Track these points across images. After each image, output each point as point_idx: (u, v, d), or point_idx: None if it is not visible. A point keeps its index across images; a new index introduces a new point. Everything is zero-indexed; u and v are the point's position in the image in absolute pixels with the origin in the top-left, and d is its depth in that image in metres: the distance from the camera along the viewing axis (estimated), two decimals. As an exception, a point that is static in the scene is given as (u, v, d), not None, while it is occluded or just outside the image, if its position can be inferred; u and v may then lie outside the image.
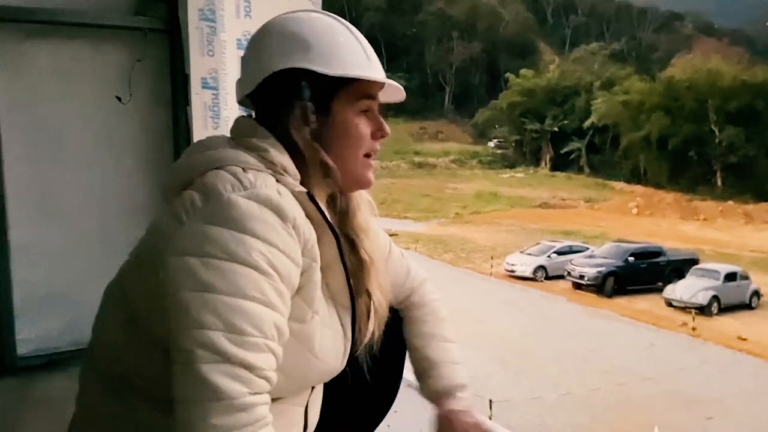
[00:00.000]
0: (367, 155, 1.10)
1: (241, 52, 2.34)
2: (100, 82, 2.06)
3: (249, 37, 2.31)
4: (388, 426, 1.61)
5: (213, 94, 2.07)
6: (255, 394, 0.88)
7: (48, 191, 2.04)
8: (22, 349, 2.10)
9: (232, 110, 2.08)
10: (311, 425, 1.20)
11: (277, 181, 0.98)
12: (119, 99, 2.08)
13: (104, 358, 1.11)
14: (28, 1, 1.95)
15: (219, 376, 0.85)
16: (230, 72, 2.10)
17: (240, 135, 1.06)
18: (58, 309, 2.11)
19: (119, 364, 1.07)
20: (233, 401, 0.85)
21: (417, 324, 1.36)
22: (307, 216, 0.99)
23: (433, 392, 1.32)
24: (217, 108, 2.07)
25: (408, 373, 1.40)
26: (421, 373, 1.34)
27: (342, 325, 1.10)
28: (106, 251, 2.01)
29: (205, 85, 2.06)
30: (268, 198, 0.93)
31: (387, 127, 1.11)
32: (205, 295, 0.88)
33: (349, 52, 1.06)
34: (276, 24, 1.10)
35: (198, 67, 2.08)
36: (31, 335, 2.11)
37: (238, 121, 1.10)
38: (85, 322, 1.21)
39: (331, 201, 1.13)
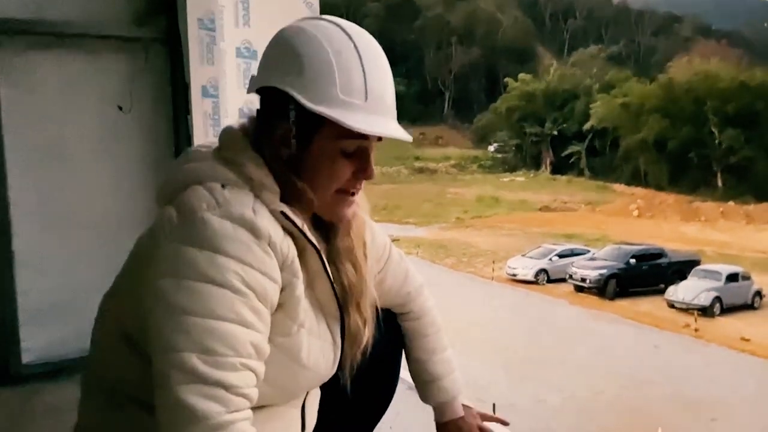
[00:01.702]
0: (344, 191, 1.04)
1: (241, 61, 2.38)
2: (102, 91, 2.09)
3: (248, 45, 2.35)
4: (390, 428, 1.63)
5: (213, 103, 2.09)
6: (233, 412, 0.89)
7: (51, 200, 2.06)
8: (26, 358, 2.11)
9: (232, 118, 2.10)
10: (309, 426, 1.21)
11: (255, 196, 0.97)
12: (121, 108, 2.10)
13: (102, 368, 1.12)
14: (30, 13, 1.98)
15: (194, 398, 0.87)
16: (230, 80, 2.12)
17: (224, 147, 1.05)
18: (62, 317, 2.12)
19: (116, 373, 1.08)
20: (210, 422, 0.87)
21: (418, 337, 1.39)
22: (288, 231, 0.99)
23: (438, 403, 1.41)
24: (217, 116, 2.09)
25: (407, 374, 1.42)
26: (424, 385, 1.41)
27: (331, 333, 1.10)
28: (109, 260, 2.02)
29: (205, 94, 2.08)
30: (242, 216, 0.93)
31: (371, 171, 1.04)
32: (178, 317, 0.89)
33: (344, 87, 0.98)
34: (287, 34, 1.04)
35: (198, 75, 2.10)
36: (35, 344, 2.12)
37: (223, 132, 1.08)
38: (89, 330, 1.22)
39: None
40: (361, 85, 1.00)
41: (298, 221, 1.00)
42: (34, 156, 2.02)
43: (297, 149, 1.01)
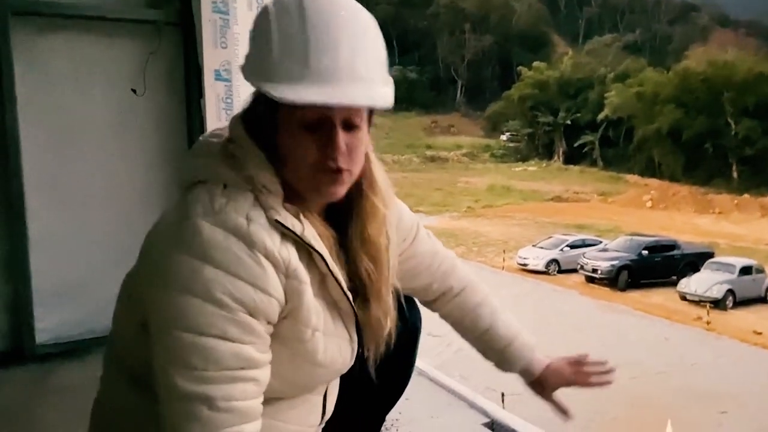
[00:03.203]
0: (321, 169, 0.95)
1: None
2: (116, 74, 2.10)
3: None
4: (400, 413, 1.63)
5: (226, 86, 2.10)
6: (218, 428, 0.89)
7: (65, 183, 2.08)
8: (40, 338, 2.14)
9: (245, 102, 2.10)
10: (328, 412, 1.21)
11: (255, 199, 0.94)
12: (134, 91, 2.11)
13: (124, 349, 1.11)
14: (45, -5, 1.99)
15: (178, 417, 0.89)
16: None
17: (231, 139, 1.01)
18: (75, 299, 2.14)
19: (138, 356, 1.06)
20: None
21: (471, 310, 1.35)
22: (290, 235, 0.95)
23: (525, 362, 1.37)
24: (230, 99, 2.09)
25: (418, 360, 1.41)
26: (501, 353, 1.36)
27: (347, 330, 1.07)
28: (122, 242, 2.04)
29: (218, 77, 2.09)
30: (235, 225, 0.90)
31: (337, 145, 0.94)
32: (164, 331, 0.90)
33: (281, 54, 0.90)
34: (261, 9, 0.99)
35: (211, 59, 2.10)
36: (49, 324, 2.15)
37: (231, 122, 1.04)
38: (101, 311, 1.23)
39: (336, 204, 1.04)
40: (303, 50, 0.90)
41: (298, 226, 0.95)
42: (49, 138, 2.04)
43: (270, 131, 0.96)
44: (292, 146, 0.95)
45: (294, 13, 0.92)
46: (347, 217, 1.06)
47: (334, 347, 1.05)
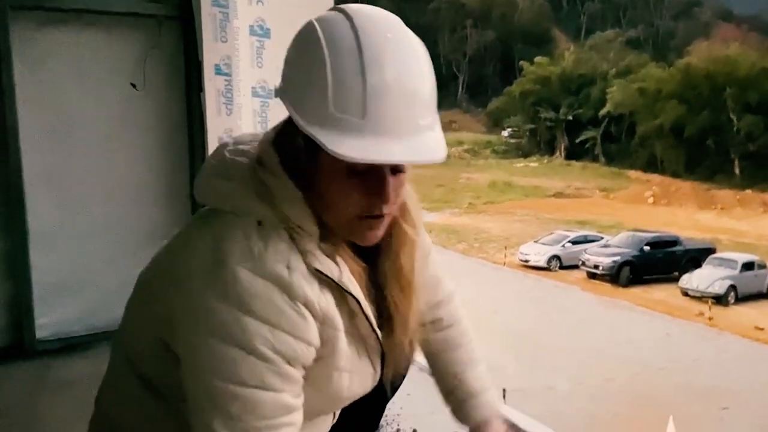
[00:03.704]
0: (363, 216, 0.92)
1: (254, 39, 2.36)
2: (115, 68, 2.09)
3: (261, 23, 2.33)
4: (401, 408, 1.62)
5: (226, 81, 2.08)
6: None
7: (65, 178, 2.07)
8: (40, 334, 2.13)
9: (245, 96, 2.09)
10: (336, 416, 1.21)
11: (291, 238, 0.91)
12: (134, 86, 2.10)
13: (134, 353, 1.08)
14: (44, -11, 1.98)
15: None
16: (243, 58, 2.11)
17: (261, 163, 0.95)
18: (75, 294, 2.14)
19: (149, 366, 1.05)
20: None
21: (450, 349, 1.29)
22: (325, 281, 0.93)
23: (475, 421, 1.29)
24: (230, 94, 2.08)
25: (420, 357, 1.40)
26: (459, 403, 1.29)
27: (372, 364, 1.06)
28: (122, 237, 2.03)
29: (218, 72, 2.07)
30: (276, 275, 0.88)
31: (387, 195, 0.90)
32: (204, 378, 0.88)
33: (337, 101, 0.84)
34: (299, 33, 0.91)
35: (211, 53, 2.09)
36: (49, 320, 2.14)
37: (262, 143, 0.97)
38: (102, 307, 1.23)
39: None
40: (359, 98, 0.83)
41: (335, 272, 0.93)
42: (48, 134, 2.03)
43: (309, 167, 0.91)
44: (335, 191, 0.90)
45: (346, 43, 0.84)
46: (378, 247, 1.00)
47: (357, 381, 1.04)
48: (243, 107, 2.08)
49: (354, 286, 0.96)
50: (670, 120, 43.96)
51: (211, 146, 1.92)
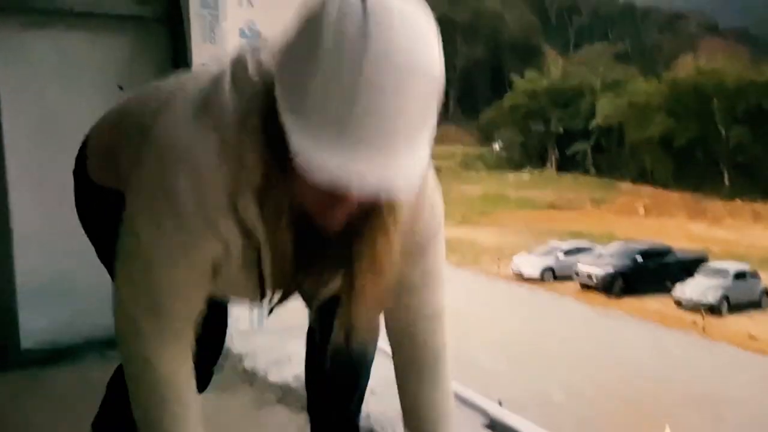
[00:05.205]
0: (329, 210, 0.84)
1: (244, 42, 2.34)
2: (102, 70, 2.06)
3: (252, 25, 2.31)
4: (398, 412, 1.58)
5: (215, 81, 2.06)
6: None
7: (50, 180, 2.03)
8: (26, 342, 2.08)
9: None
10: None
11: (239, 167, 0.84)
12: (121, 88, 2.07)
13: None
14: (29, -10, 1.95)
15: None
16: (232, 59, 2.08)
17: (236, 90, 0.86)
18: (63, 300, 2.09)
19: None
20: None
21: (424, 380, 1.16)
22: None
23: None
24: (219, 95, 2.05)
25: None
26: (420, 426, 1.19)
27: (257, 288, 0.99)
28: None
29: (206, 72, 2.05)
30: (204, 174, 0.86)
31: (340, 218, 0.83)
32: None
33: (317, 100, 0.72)
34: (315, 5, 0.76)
35: (200, 54, 2.07)
36: (35, 327, 2.09)
37: (241, 69, 0.88)
38: (91, 313, 1.18)
39: None
40: (346, 105, 0.71)
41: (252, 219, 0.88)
42: (33, 136, 2.00)
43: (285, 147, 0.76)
44: (295, 179, 0.79)
45: (350, 34, 0.71)
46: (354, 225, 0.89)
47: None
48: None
49: (265, 249, 0.90)
50: (658, 132, 44.36)
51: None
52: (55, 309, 2.08)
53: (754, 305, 18.18)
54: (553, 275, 21.12)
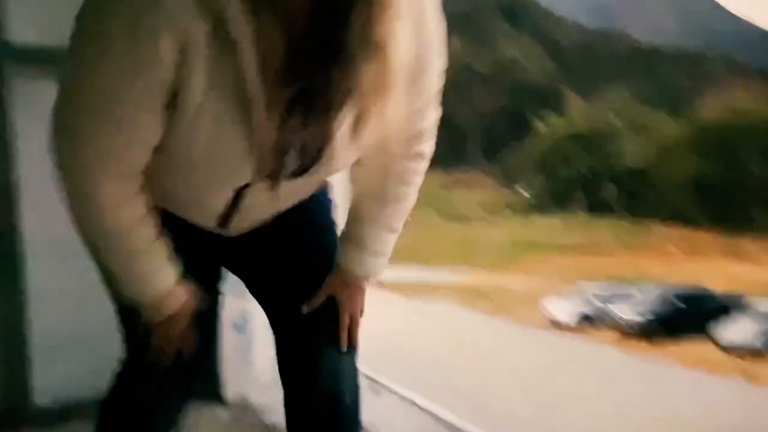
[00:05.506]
0: None
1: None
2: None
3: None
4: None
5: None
6: None
7: (66, 233, 2.00)
8: (39, 399, 2.01)
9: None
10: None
11: None
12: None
13: None
14: (50, 41, 1.96)
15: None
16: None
17: None
18: (78, 354, 2.03)
19: None
20: None
21: (378, 201, 1.16)
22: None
23: (338, 266, 1.18)
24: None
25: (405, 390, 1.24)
26: (346, 242, 1.18)
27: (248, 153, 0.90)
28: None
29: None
30: None
31: None
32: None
33: None
34: None
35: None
36: (49, 383, 2.02)
37: None
38: (107, 367, 1.12)
39: None
40: None
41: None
42: (49, 189, 1.97)
43: None
44: None
45: None
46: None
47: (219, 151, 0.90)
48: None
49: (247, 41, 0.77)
50: (687, 173, 43.88)
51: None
52: (71, 365, 2.01)
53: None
54: (587, 321, 20.57)
